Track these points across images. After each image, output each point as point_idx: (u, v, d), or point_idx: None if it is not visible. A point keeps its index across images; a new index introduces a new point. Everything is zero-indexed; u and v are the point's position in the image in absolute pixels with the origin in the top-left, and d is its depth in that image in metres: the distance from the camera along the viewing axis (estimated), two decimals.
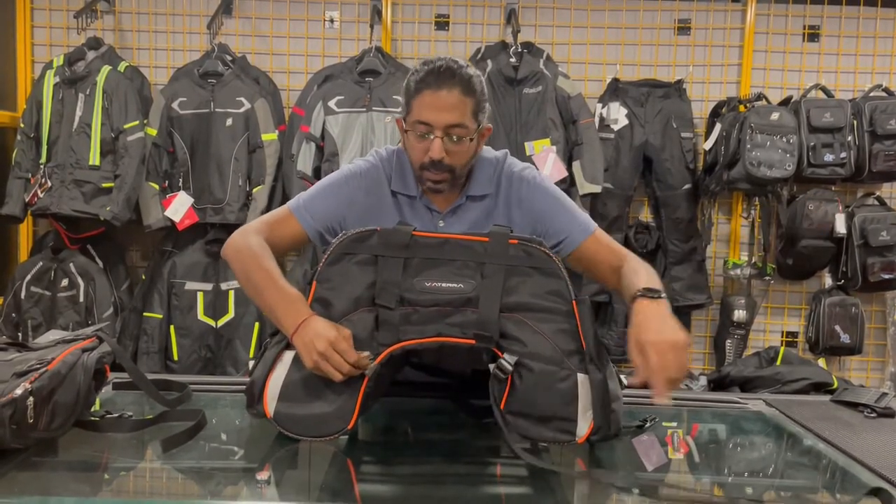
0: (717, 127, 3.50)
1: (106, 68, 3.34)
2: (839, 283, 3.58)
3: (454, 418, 1.60)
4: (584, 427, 1.34)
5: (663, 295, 1.40)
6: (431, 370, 1.63)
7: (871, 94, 3.50)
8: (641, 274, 1.49)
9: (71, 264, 3.37)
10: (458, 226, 1.62)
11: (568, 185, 3.34)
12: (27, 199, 3.30)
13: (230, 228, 3.37)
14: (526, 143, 3.32)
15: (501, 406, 1.34)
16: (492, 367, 1.34)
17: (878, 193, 3.65)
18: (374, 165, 1.66)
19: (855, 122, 3.41)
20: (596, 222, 3.31)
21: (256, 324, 3.40)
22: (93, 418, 1.38)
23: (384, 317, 1.36)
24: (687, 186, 3.55)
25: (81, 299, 3.35)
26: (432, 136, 1.53)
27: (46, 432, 1.24)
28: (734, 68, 3.71)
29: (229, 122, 3.34)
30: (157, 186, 3.35)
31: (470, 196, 1.64)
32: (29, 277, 3.36)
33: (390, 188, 1.64)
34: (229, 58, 3.46)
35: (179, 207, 3.33)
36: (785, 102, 3.51)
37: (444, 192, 1.61)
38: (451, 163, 1.55)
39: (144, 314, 3.39)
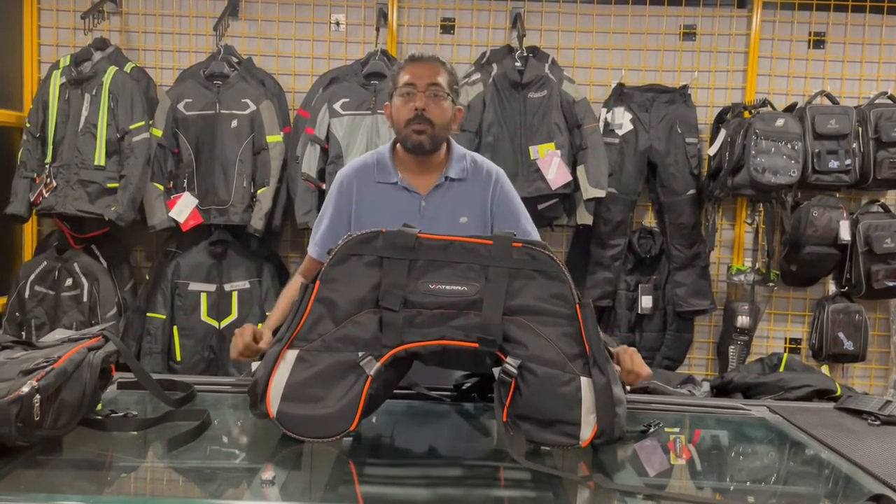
0: (722, 133, 3.50)
1: (112, 69, 3.35)
2: (843, 290, 3.58)
3: (457, 421, 1.60)
4: (587, 431, 1.34)
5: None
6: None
7: (877, 102, 3.50)
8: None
9: (75, 264, 3.38)
10: (440, 205, 1.89)
11: (572, 189, 3.34)
12: (32, 199, 3.32)
13: (234, 230, 3.41)
14: (531, 147, 3.32)
15: (505, 410, 1.34)
16: (496, 370, 1.34)
17: (882, 200, 3.64)
18: (347, 173, 1.96)
19: (860, 129, 3.41)
20: (599, 227, 3.54)
21: (259, 325, 3.39)
22: (98, 417, 1.39)
23: (388, 319, 1.37)
24: (691, 192, 3.55)
25: (85, 299, 3.36)
26: (416, 93, 1.83)
27: (52, 430, 1.24)
28: (739, 74, 3.71)
29: (234, 123, 3.35)
30: (161, 187, 3.36)
31: (448, 177, 1.91)
32: (33, 277, 3.37)
33: (375, 181, 1.92)
34: (235, 60, 3.47)
35: (184, 208, 3.33)
36: (790, 109, 3.51)
37: (426, 146, 1.86)
38: (430, 116, 1.83)
39: (148, 314, 3.39)
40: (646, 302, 3.58)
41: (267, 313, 3.42)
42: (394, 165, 1.93)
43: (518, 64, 3.38)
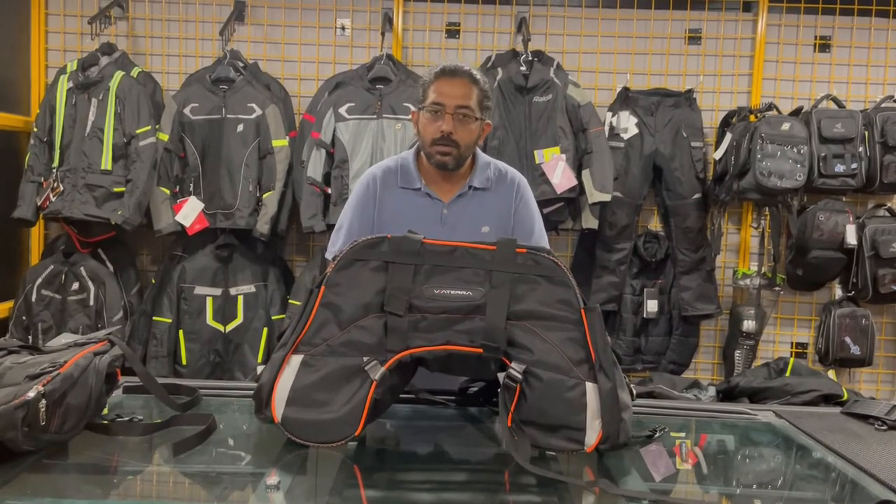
0: (728, 137, 3.49)
1: (119, 74, 3.36)
2: (849, 294, 3.57)
3: (462, 426, 1.60)
4: (592, 436, 1.34)
5: None
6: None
7: (883, 106, 3.49)
8: None
9: (82, 268, 3.39)
10: (462, 213, 1.91)
11: (577, 193, 3.34)
12: (39, 203, 3.33)
13: (240, 234, 3.42)
14: (536, 151, 3.32)
15: (510, 415, 1.34)
16: (501, 375, 1.34)
17: (889, 205, 3.63)
18: (372, 175, 1.96)
19: (866, 133, 3.40)
20: (605, 231, 3.51)
21: (265, 329, 3.41)
22: (103, 421, 1.39)
23: (393, 324, 1.37)
24: (697, 196, 3.54)
25: (92, 303, 3.37)
26: (444, 114, 1.83)
27: (58, 435, 1.24)
28: (745, 78, 3.70)
29: (240, 127, 3.36)
30: (168, 191, 3.37)
31: (472, 186, 1.93)
32: (40, 281, 3.38)
33: (398, 185, 1.93)
34: (241, 64, 3.48)
35: (190, 212, 3.34)
36: (796, 113, 3.50)
37: (450, 167, 1.88)
38: (457, 139, 1.85)
39: (154, 318, 3.40)
40: (651, 306, 3.58)
41: (272, 317, 3.43)
42: (418, 172, 1.94)
43: (523, 68, 3.38)
